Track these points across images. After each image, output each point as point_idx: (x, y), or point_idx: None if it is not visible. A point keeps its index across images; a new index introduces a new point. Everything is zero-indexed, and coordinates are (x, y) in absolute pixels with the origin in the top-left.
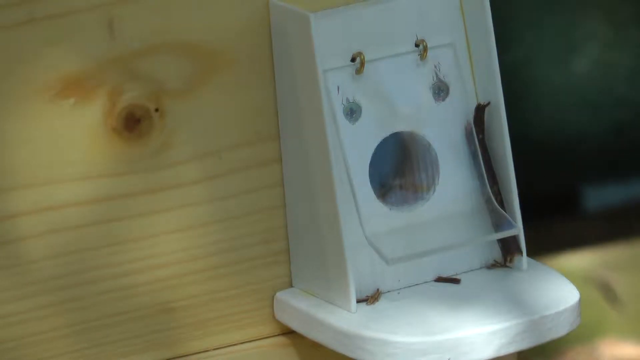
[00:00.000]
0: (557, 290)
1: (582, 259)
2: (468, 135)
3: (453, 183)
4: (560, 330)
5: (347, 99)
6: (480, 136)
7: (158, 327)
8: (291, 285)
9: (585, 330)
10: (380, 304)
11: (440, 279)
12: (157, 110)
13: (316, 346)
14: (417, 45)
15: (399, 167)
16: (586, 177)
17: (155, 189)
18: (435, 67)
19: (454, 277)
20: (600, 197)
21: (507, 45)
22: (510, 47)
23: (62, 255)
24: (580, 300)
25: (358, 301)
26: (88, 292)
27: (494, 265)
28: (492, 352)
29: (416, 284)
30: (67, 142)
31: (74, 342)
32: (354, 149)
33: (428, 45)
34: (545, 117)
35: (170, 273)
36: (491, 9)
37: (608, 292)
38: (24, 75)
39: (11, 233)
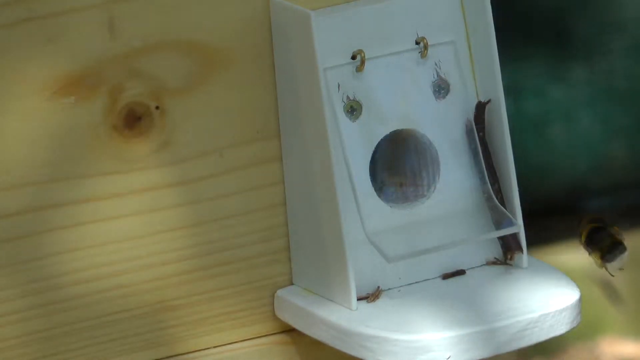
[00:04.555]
0: (557, 288)
1: (582, 256)
2: (469, 133)
3: (453, 181)
4: (560, 328)
5: (348, 97)
6: (481, 134)
7: (158, 325)
8: (292, 283)
9: (586, 328)
10: (381, 301)
11: (446, 276)
12: (157, 108)
13: (317, 344)
14: (417, 43)
15: (399, 165)
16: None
17: (155, 186)
18: (436, 65)
19: (458, 270)
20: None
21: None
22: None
23: (62, 253)
24: (580, 298)
25: (359, 299)
26: (87, 290)
27: (494, 263)
28: (492, 349)
29: (417, 282)
30: (68, 140)
31: (73, 340)
32: (355, 147)
33: (429, 43)
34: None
35: (171, 271)
36: (491, 6)
37: (609, 289)
38: (24, 73)
39: (11, 231)
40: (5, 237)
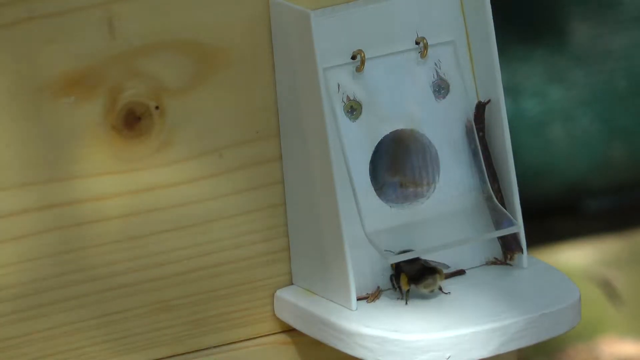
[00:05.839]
0: (557, 288)
1: (582, 256)
2: (468, 133)
3: (453, 181)
4: (560, 328)
5: (348, 97)
6: (481, 134)
7: (158, 325)
8: (291, 283)
9: (586, 328)
10: (381, 301)
11: (446, 276)
12: (157, 108)
13: (316, 344)
14: (417, 43)
15: (399, 165)
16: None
17: (154, 187)
18: (436, 65)
19: (458, 270)
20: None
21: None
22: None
23: (62, 253)
24: (580, 298)
25: (358, 299)
26: (88, 290)
27: (494, 263)
28: (492, 349)
29: None
30: (68, 140)
31: (73, 340)
32: (355, 147)
33: (428, 43)
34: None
35: (170, 271)
36: (491, 6)
37: (608, 289)
38: (24, 73)
39: (11, 231)
40: (4, 237)
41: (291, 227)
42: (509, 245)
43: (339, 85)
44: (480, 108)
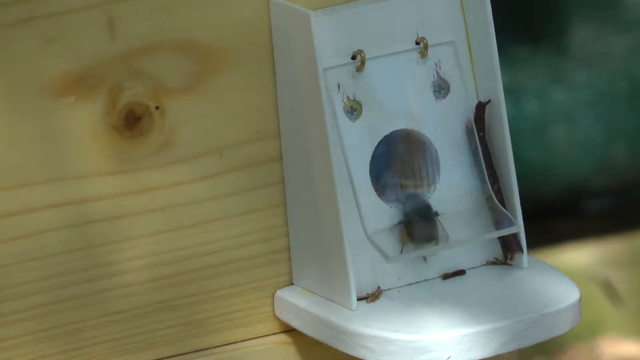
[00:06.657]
0: (557, 288)
1: (582, 256)
2: (469, 133)
3: (453, 181)
4: (561, 328)
5: (348, 97)
6: (481, 134)
7: (158, 325)
8: (292, 283)
9: (586, 328)
10: (381, 301)
11: (446, 276)
12: (157, 108)
13: (317, 344)
14: (417, 43)
15: (399, 165)
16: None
17: (155, 187)
18: (436, 65)
19: (458, 270)
20: (599, 200)
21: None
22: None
23: (62, 253)
24: (581, 298)
25: (358, 299)
26: (87, 290)
27: (494, 263)
28: (492, 350)
29: (417, 282)
30: (68, 141)
31: (73, 340)
32: (355, 147)
33: (428, 43)
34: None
35: (171, 271)
36: (491, 6)
37: (609, 289)
38: (24, 73)
39: (10, 231)
40: (4, 238)
41: (291, 227)
42: (509, 245)
43: (339, 85)
44: (481, 108)
